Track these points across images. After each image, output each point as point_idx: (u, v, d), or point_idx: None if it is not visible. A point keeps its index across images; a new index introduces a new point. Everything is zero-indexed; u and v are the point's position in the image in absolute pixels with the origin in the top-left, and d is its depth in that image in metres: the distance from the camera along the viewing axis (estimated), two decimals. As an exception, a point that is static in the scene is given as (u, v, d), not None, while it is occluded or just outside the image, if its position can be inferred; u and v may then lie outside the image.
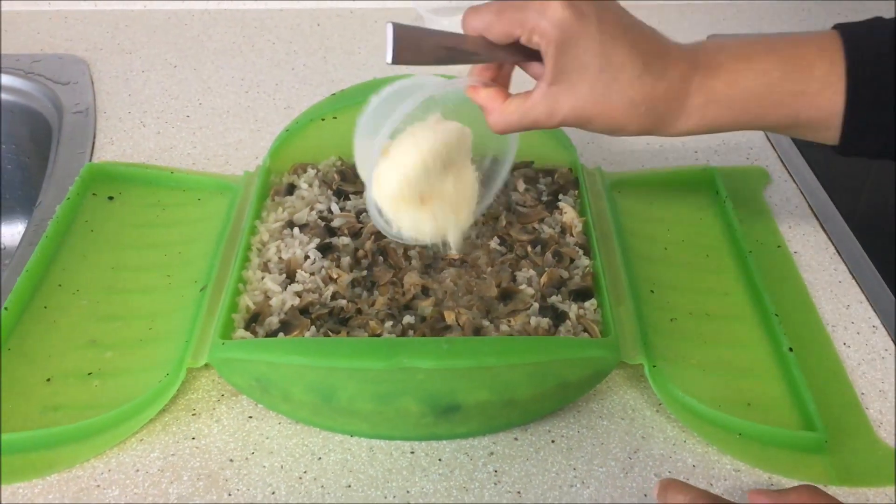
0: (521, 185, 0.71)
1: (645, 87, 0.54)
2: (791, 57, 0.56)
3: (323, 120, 0.72)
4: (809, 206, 0.78)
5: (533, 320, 0.58)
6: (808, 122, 0.57)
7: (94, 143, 0.84)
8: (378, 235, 0.64)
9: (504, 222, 0.66)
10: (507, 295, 0.61)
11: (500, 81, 0.57)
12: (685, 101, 0.56)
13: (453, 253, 0.61)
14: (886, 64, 0.55)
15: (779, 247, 0.72)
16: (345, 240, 0.65)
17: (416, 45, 0.51)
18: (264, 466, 0.54)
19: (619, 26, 0.54)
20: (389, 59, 0.50)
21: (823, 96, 0.56)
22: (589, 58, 0.53)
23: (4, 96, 0.93)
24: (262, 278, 0.61)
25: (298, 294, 0.60)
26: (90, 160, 0.81)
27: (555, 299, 0.60)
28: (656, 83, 0.54)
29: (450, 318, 0.58)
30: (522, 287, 0.61)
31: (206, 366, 0.57)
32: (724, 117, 0.57)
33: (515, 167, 0.73)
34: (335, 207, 0.68)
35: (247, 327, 0.58)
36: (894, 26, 0.56)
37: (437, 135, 0.56)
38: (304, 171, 0.72)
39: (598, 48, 0.53)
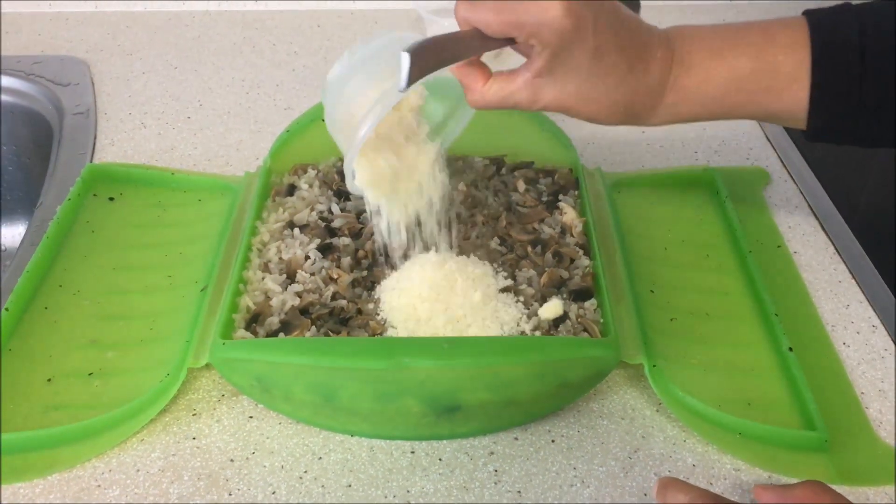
0: (522, 186, 0.71)
1: (627, 88, 0.57)
2: (760, 52, 0.58)
3: (323, 120, 0.72)
4: (809, 205, 0.78)
5: (533, 320, 0.58)
6: (776, 114, 0.60)
7: (94, 145, 0.84)
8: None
9: (504, 222, 0.66)
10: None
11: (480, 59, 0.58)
12: (660, 99, 0.59)
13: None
14: (851, 56, 0.57)
15: (779, 247, 0.72)
16: (345, 240, 0.65)
17: (423, 64, 0.51)
18: (265, 466, 0.54)
19: (611, 30, 0.55)
20: (403, 87, 0.50)
21: (790, 91, 0.58)
22: (580, 63, 0.54)
23: (5, 98, 0.93)
24: (263, 278, 0.62)
25: (299, 294, 0.60)
26: (91, 161, 0.82)
27: (555, 299, 0.60)
28: (637, 85, 0.57)
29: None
30: (522, 287, 0.61)
31: (207, 366, 0.57)
32: (694, 112, 0.60)
33: (516, 167, 0.74)
34: (335, 208, 0.68)
35: (247, 327, 0.58)
36: (860, 17, 0.58)
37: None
38: (305, 172, 0.72)
39: (590, 55, 0.54)
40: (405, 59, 0.50)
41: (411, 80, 0.50)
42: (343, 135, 0.57)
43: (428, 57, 0.51)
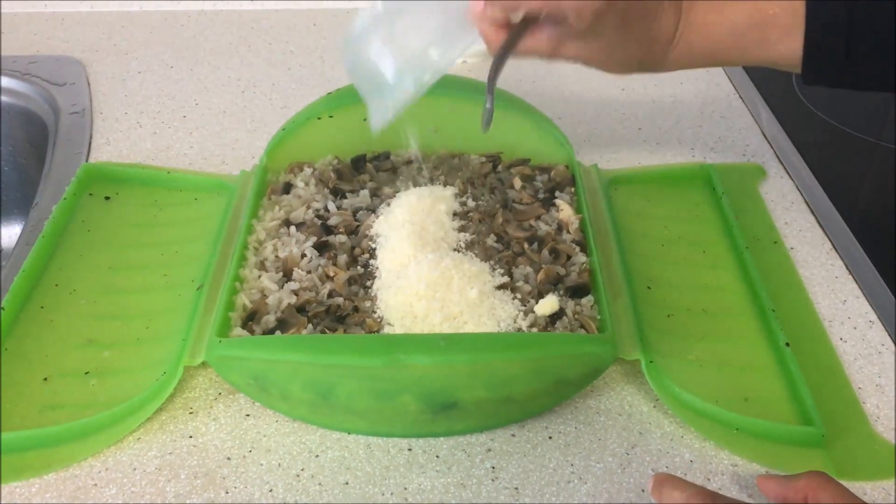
0: (518, 183, 0.71)
1: (643, 45, 0.61)
2: (756, 5, 0.62)
3: (319, 119, 0.72)
4: (806, 202, 0.78)
5: (530, 317, 0.58)
6: (772, 62, 0.64)
7: (90, 144, 0.84)
8: (375, 234, 0.65)
9: (501, 220, 0.66)
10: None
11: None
12: (668, 53, 0.63)
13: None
14: (843, 4, 0.59)
15: (775, 242, 0.72)
16: (341, 238, 0.65)
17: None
18: (262, 464, 0.54)
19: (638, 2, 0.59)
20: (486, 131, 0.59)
21: (785, 41, 0.62)
22: (606, 29, 0.58)
23: (1, 98, 0.93)
24: (259, 277, 0.61)
25: (295, 292, 0.60)
26: (87, 161, 0.81)
27: (551, 296, 0.60)
28: (651, 42, 0.61)
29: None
30: (519, 284, 0.61)
31: (204, 364, 0.57)
32: (696, 63, 0.64)
33: (512, 164, 0.74)
34: (332, 206, 0.68)
35: (244, 325, 0.58)
36: None
37: None
38: (301, 170, 0.72)
39: (617, 23, 0.58)
40: (487, 114, 0.58)
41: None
42: (366, 87, 0.60)
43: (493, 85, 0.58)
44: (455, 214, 0.67)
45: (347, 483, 0.53)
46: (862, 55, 0.60)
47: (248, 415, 0.58)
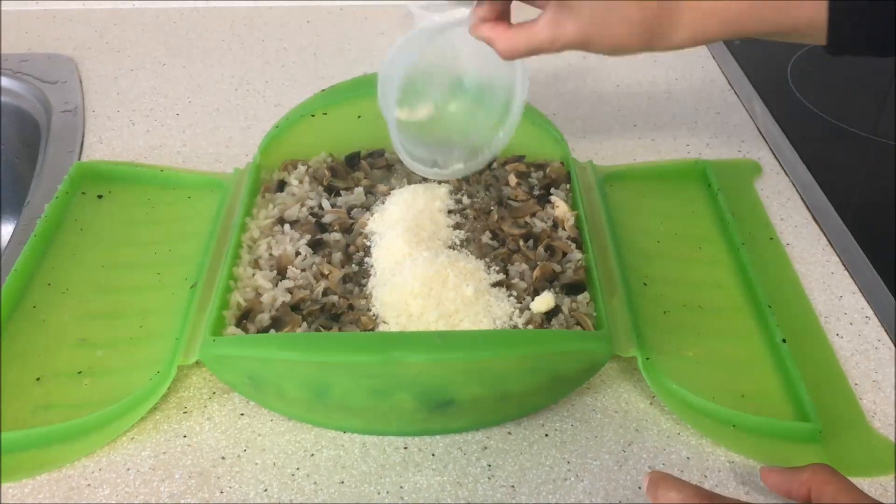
0: (513, 180, 0.70)
1: (641, 6, 0.58)
2: None
3: (313, 116, 0.72)
4: (801, 197, 0.78)
5: (525, 314, 0.58)
6: (793, 30, 0.60)
7: (82, 142, 0.84)
8: (369, 232, 0.64)
9: (496, 217, 0.66)
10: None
11: (502, 18, 0.61)
12: (678, 17, 0.59)
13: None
14: None
15: (771, 239, 0.72)
16: (336, 236, 0.64)
17: None
18: (256, 464, 0.54)
19: None
20: None
21: (805, 6, 0.58)
22: None
23: (-7, 96, 0.93)
24: (253, 275, 0.61)
25: (290, 290, 0.60)
26: (79, 159, 0.81)
27: (547, 293, 0.60)
28: (651, 1, 0.58)
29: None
30: (515, 281, 0.61)
31: (198, 363, 0.56)
32: (712, 30, 0.60)
33: (507, 161, 0.73)
34: (326, 203, 0.67)
35: (238, 324, 0.58)
36: None
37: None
38: (295, 168, 0.72)
39: None
40: None
41: None
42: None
43: None
44: (450, 212, 0.67)
45: (343, 482, 0.53)
46: (891, 16, 0.57)
47: (242, 414, 0.57)
